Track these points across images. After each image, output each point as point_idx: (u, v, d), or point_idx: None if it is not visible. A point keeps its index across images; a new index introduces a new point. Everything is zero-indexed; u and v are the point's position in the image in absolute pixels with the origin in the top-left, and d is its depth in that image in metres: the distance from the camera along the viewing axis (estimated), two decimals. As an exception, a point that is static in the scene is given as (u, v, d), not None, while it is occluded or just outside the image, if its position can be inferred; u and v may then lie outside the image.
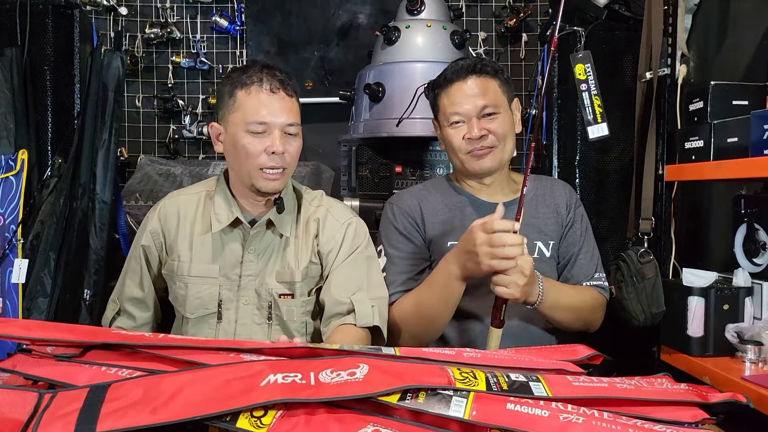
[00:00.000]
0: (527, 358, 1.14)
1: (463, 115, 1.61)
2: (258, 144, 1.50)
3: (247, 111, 1.50)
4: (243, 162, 1.52)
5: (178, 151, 3.39)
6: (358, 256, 1.63)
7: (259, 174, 1.52)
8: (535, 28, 3.22)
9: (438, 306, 1.53)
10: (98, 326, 1.71)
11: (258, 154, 1.50)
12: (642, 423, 0.91)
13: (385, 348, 1.12)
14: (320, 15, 3.27)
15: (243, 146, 1.50)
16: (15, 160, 2.08)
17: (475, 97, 1.61)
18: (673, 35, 1.87)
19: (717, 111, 1.74)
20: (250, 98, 1.51)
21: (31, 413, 0.89)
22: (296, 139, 1.56)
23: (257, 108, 1.50)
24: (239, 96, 1.52)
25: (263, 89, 1.51)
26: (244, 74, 1.53)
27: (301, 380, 0.94)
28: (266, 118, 1.50)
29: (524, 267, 1.41)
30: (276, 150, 1.50)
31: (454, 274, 1.48)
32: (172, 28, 3.32)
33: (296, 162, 1.59)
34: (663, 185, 1.86)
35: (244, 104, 1.51)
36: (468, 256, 1.43)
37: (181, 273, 1.60)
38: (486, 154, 1.62)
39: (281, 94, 1.53)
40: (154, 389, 0.92)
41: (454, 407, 0.90)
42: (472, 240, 1.40)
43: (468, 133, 1.61)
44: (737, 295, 1.69)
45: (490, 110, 1.61)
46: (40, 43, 2.24)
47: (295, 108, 1.55)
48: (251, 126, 1.50)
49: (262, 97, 1.50)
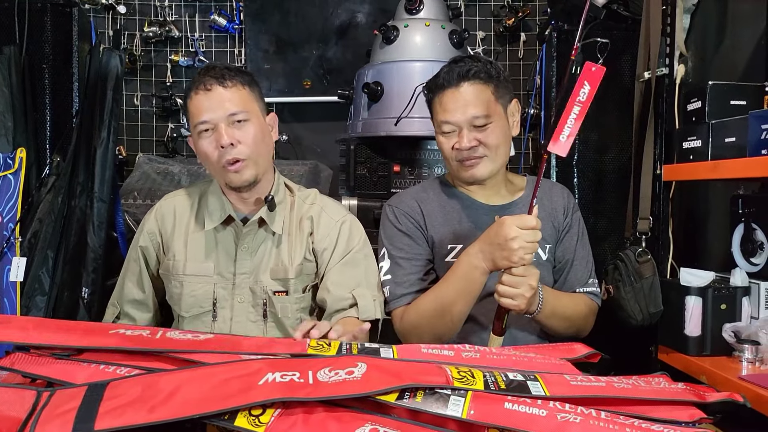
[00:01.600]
0: (526, 359, 1.14)
1: (454, 124, 1.59)
2: (210, 143, 1.53)
3: (193, 115, 1.54)
4: (207, 164, 1.57)
5: (177, 149, 3.40)
6: (355, 256, 1.63)
7: (222, 171, 1.54)
8: (534, 27, 3.22)
9: (459, 300, 1.53)
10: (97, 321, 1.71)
11: (212, 153, 1.53)
12: (639, 422, 0.91)
13: (383, 349, 1.12)
14: (319, 14, 3.27)
15: (200, 149, 1.55)
16: (13, 159, 2.08)
17: (467, 107, 1.57)
18: (671, 35, 1.88)
19: (715, 111, 1.74)
20: (192, 103, 1.54)
21: (29, 411, 0.89)
22: (248, 125, 1.54)
23: (198, 109, 1.53)
24: (188, 105, 1.56)
25: (200, 90, 1.53)
26: (190, 84, 1.57)
27: (299, 379, 0.94)
28: (205, 116, 1.51)
29: (532, 280, 1.43)
30: (223, 143, 1.50)
31: (480, 267, 1.48)
32: (170, 26, 3.33)
33: (262, 148, 1.57)
34: (661, 185, 1.86)
35: (190, 111, 1.55)
36: (494, 248, 1.44)
37: (176, 272, 1.61)
38: (476, 163, 1.61)
39: (217, 88, 1.52)
40: (152, 387, 0.92)
41: (452, 406, 0.90)
42: (503, 234, 1.41)
43: (458, 143, 1.59)
44: (734, 294, 1.69)
45: (482, 121, 1.57)
46: (39, 41, 2.24)
47: (236, 97, 1.53)
48: (198, 128, 1.53)
49: (200, 98, 1.53)
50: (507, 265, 1.43)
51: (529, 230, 1.41)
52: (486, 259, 1.47)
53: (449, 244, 1.66)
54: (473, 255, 1.49)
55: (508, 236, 1.40)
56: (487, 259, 1.46)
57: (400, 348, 1.13)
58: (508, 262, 1.42)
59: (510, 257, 1.41)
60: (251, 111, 1.55)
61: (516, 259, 1.41)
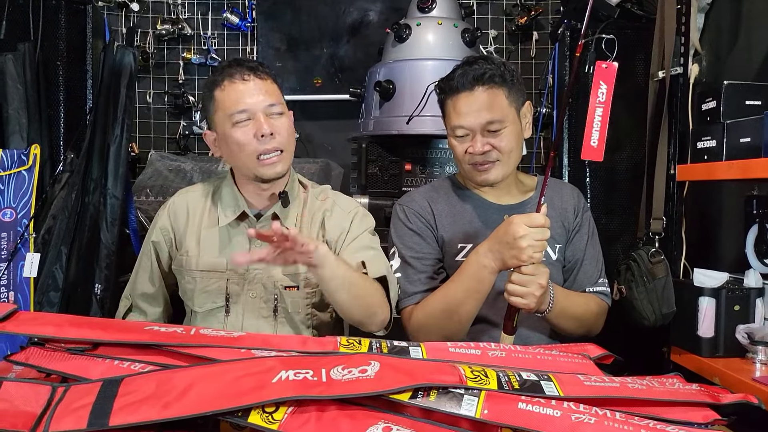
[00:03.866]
0: (550, 358, 1.13)
1: (467, 128, 1.58)
2: (246, 132, 1.52)
3: (226, 105, 1.53)
4: (238, 155, 1.54)
5: (188, 147, 3.41)
6: (364, 238, 1.63)
7: (256, 163, 1.53)
8: (546, 26, 3.21)
9: (468, 300, 1.53)
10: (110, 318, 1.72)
11: (249, 142, 1.52)
12: (654, 424, 0.91)
13: (412, 348, 1.11)
14: (331, 12, 3.27)
15: (233, 139, 1.53)
16: (27, 155, 2.10)
17: (481, 111, 1.56)
18: (686, 34, 1.86)
19: (730, 111, 1.73)
20: (225, 93, 1.54)
21: (44, 407, 0.90)
22: (283, 119, 1.57)
23: (235, 98, 1.52)
24: (216, 96, 1.55)
25: (236, 80, 1.53)
26: (216, 74, 1.57)
27: (313, 377, 0.94)
28: (246, 105, 1.52)
29: (542, 279, 1.43)
30: (264, 132, 1.51)
31: (489, 266, 1.48)
32: (183, 24, 3.34)
33: (292, 142, 1.60)
34: (675, 185, 1.85)
35: (222, 101, 1.54)
36: (503, 247, 1.44)
37: (189, 267, 1.62)
38: (490, 168, 1.60)
39: (254, 79, 1.54)
40: (166, 384, 0.93)
41: (466, 406, 0.90)
42: (512, 233, 1.41)
43: (471, 147, 1.58)
44: (748, 296, 1.68)
45: (495, 126, 1.56)
46: (53, 38, 2.26)
47: (272, 89, 1.57)
48: (235, 117, 1.52)
49: (236, 87, 1.53)
50: (516, 264, 1.43)
51: (537, 228, 1.40)
52: (495, 259, 1.46)
53: (459, 244, 1.66)
54: (482, 254, 1.49)
55: (516, 235, 1.40)
56: (496, 258, 1.46)
57: (428, 346, 1.13)
58: (517, 261, 1.42)
59: (519, 256, 1.41)
60: (284, 105, 1.58)
61: (525, 258, 1.41)
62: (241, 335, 1.14)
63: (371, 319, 1.52)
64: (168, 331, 1.11)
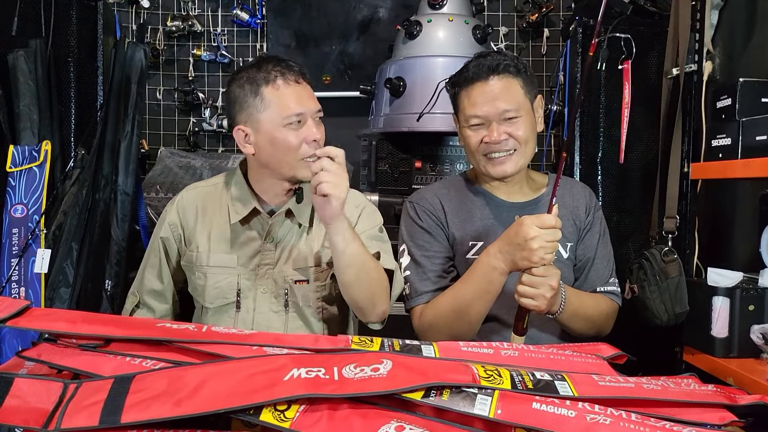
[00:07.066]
0: (563, 357, 1.13)
1: (483, 117, 1.58)
2: (297, 136, 1.51)
3: (281, 106, 1.51)
4: (284, 156, 1.53)
5: (198, 143, 3.41)
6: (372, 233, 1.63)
7: (301, 164, 1.53)
8: (558, 23, 3.19)
9: (478, 301, 1.52)
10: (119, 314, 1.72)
11: (299, 146, 1.52)
12: (670, 425, 0.90)
13: (425, 347, 1.11)
14: (340, 9, 3.27)
15: (283, 141, 1.51)
16: (38, 151, 2.10)
17: (497, 100, 1.56)
18: (700, 31, 1.84)
19: (745, 108, 1.70)
20: (279, 93, 1.51)
21: (56, 403, 0.90)
22: (322, 125, 1.59)
23: (291, 102, 1.51)
24: (266, 93, 1.51)
25: (289, 82, 1.52)
26: (262, 71, 1.53)
27: (325, 375, 0.94)
28: (303, 108, 1.52)
29: (553, 280, 1.41)
30: (316, 138, 1.52)
31: (499, 267, 1.47)
32: (193, 21, 3.34)
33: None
34: (688, 183, 1.83)
35: (275, 100, 1.51)
36: (514, 248, 1.43)
37: (200, 263, 1.61)
38: (506, 159, 1.59)
39: (304, 84, 1.55)
40: (178, 381, 0.92)
41: (479, 405, 0.90)
42: (523, 234, 1.40)
43: (488, 136, 1.57)
44: (763, 295, 1.65)
45: (512, 114, 1.56)
46: (64, 35, 2.27)
47: (314, 95, 1.59)
48: (290, 119, 1.51)
49: (294, 90, 1.52)
50: (527, 266, 1.42)
51: (548, 230, 1.39)
52: (505, 260, 1.45)
53: (470, 241, 1.65)
54: (492, 255, 1.48)
55: (527, 236, 1.39)
56: (506, 259, 1.45)
57: (440, 345, 1.12)
58: (528, 262, 1.41)
59: (530, 257, 1.40)
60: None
61: (536, 259, 1.40)
62: (252, 333, 1.13)
63: (372, 308, 1.53)
64: (180, 328, 1.11)
